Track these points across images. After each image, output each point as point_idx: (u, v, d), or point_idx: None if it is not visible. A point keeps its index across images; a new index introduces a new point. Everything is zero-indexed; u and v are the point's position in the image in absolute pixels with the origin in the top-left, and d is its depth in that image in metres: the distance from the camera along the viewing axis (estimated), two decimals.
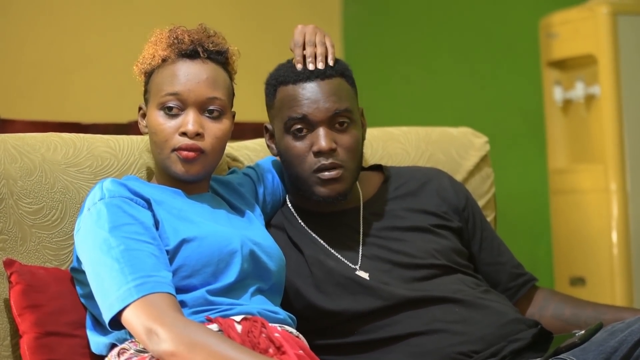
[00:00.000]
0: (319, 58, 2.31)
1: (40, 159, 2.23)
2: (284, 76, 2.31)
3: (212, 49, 2.19)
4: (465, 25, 4.56)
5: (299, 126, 2.28)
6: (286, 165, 2.34)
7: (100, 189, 2.08)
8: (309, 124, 2.28)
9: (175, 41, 2.17)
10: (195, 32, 2.19)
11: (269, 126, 2.37)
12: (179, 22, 2.24)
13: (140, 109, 2.23)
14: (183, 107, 2.14)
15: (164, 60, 2.17)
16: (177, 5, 4.09)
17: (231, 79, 2.24)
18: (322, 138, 2.27)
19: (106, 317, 1.97)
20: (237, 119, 2.27)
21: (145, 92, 2.21)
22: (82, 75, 3.90)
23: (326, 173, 2.28)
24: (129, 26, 3.86)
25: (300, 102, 2.28)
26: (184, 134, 2.12)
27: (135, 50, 2.26)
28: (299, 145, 2.29)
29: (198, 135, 2.12)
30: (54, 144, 2.26)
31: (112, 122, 3.28)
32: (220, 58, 2.20)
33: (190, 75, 2.15)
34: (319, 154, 2.27)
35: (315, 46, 2.32)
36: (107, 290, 1.97)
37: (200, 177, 2.17)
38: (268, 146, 2.39)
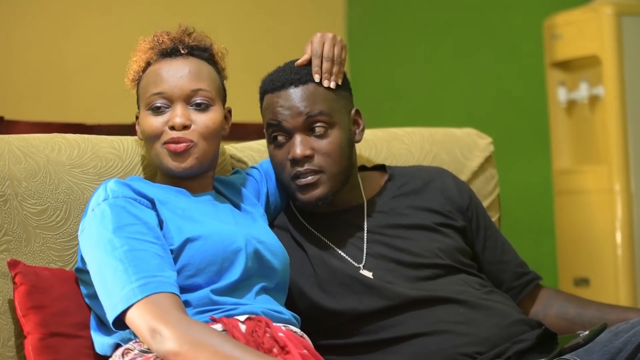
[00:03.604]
0: (332, 77, 2.32)
1: (44, 160, 2.23)
2: (265, 85, 2.35)
3: (192, 44, 2.21)
4: (469, 26, 4.56)
5: (276, 134, 2.31)
6: (274, 171, 2.37)
7: (104, 190, 2.08)
8: (286, 132, 2.30)
9: (156, 44, 2.21)
10: (174, 32, 2.23)
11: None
12: (182, 23, 2.25)
13: (137, 117, 2.24)
14: (169, 104, 2.16)
15: (147, 64, 2.21)
16: (180, 6, 4.09)
17: (220, 74, 2.25)
18: (295, 146, 2.29)
19: (110, 317, 1.98)
20: (241, 119, 2.27)
21: (137, 98, 2.23)
22: (86, 76, 3.90)
23: (302, 180, 2.29)
24: (133, 27, 3.85)
25: (274, 109, 2.30)
26: (172, 127, 2.14)
27: None
28: (279, 153, 2.31)
29: (186, 127, 2.14)
30: (58, 145, 2.27)
31: (116, 122, 3.28)
32: (204, 54, 2.23)
33: (171, 72, 2.17)
34: (293, 161, 2.28)
35: (332, 63, 2.33)
36: (111, 291, 1.97)
37: (194, 171, 2.17)
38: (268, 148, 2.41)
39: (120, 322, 1.98)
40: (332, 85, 2.32)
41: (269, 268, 2.16)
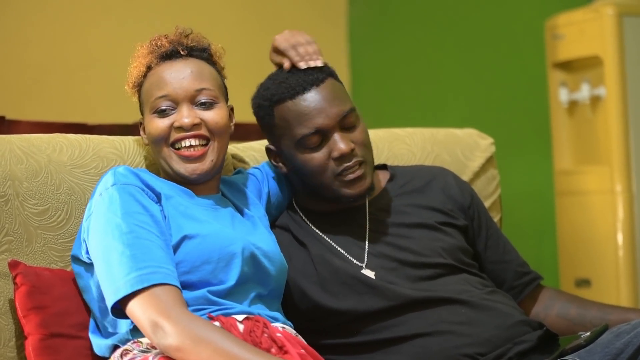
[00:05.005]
0: (313, 57, 2.31)
1: (46, 160, 2.23)
2: (277, 94, 2.30)
3: (191, 45, 2.21)
4: (470, 27, 4.56)
5: (314, 139, 2.28)
6: (305, 179, 2.33)
7: (113, 175, 2.08)
8: (322, 134, 2.28)
9: (155, 47, 2.20)
10: (172, 35, 2.23)
11: (272, 147, 2.36)
12: (183, 23, 2.25)
13: (140, 123, 2.24)
14: (175, 105, 2.16)
15: (148, 68, 2.20)
16: (182, 5, 4.09)
17: (220, 74, 2.25)
18: (340, 142, 2.27)
19: (110, 300, 1.97)
20: (243, 119, 2.26)
21: (140, 104, 2.23)
22: (87, 76, 3.90)
23: (351, 175, 2.29)
24: (134, 26, 3.86)
25: (308, 115, 2.27)
26: (179, 128, 2.14)
27: None
28: (317, 156, 2.29)
29: (195, 126, 2.14)
30: (60, 145, 2.27)
31: (117, 122, 3.28)
32: (203, 54, 2.23)
33: (174, 74, 2.17)
34: (341, 158, 2.27)
35: (305, 45, 2.32)
36: (115, 275, 1.97)
37: (208, 176, 2.18)
38: (275, 166, 2.38)
39: (118, 311, 1.98)
40: (320, 63, 2.31)
41: (265, 274, 2.16)
